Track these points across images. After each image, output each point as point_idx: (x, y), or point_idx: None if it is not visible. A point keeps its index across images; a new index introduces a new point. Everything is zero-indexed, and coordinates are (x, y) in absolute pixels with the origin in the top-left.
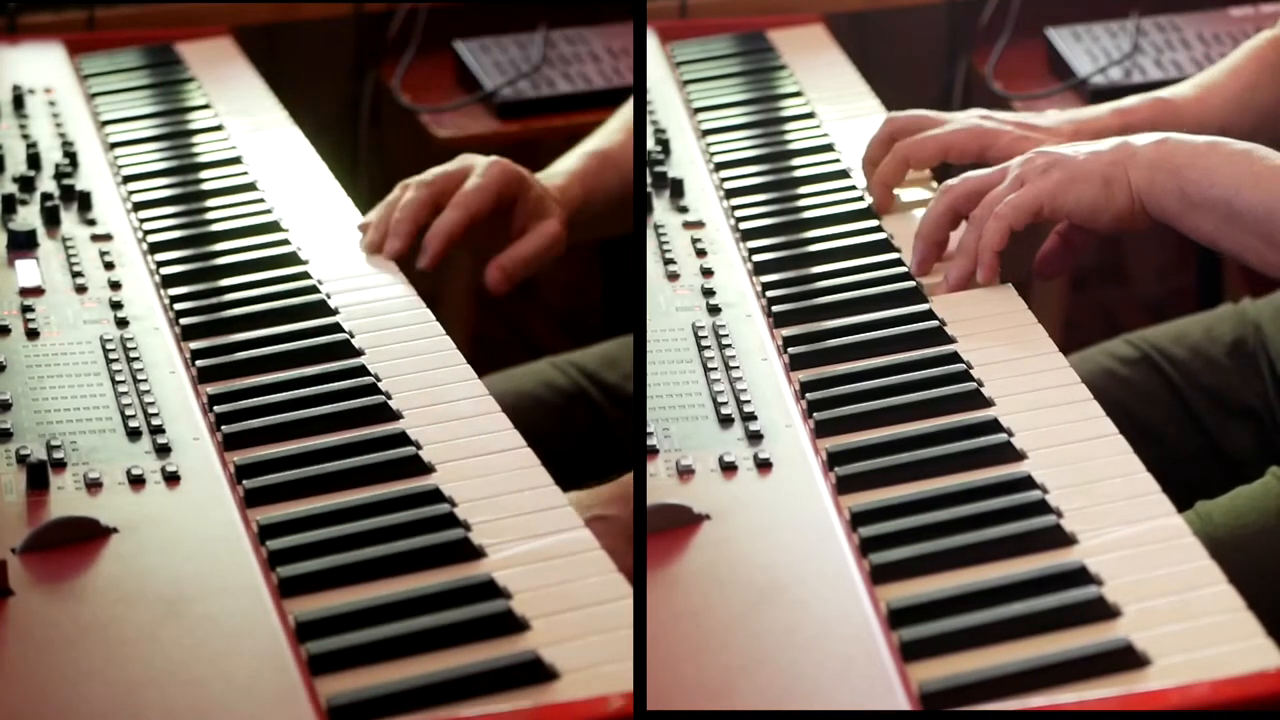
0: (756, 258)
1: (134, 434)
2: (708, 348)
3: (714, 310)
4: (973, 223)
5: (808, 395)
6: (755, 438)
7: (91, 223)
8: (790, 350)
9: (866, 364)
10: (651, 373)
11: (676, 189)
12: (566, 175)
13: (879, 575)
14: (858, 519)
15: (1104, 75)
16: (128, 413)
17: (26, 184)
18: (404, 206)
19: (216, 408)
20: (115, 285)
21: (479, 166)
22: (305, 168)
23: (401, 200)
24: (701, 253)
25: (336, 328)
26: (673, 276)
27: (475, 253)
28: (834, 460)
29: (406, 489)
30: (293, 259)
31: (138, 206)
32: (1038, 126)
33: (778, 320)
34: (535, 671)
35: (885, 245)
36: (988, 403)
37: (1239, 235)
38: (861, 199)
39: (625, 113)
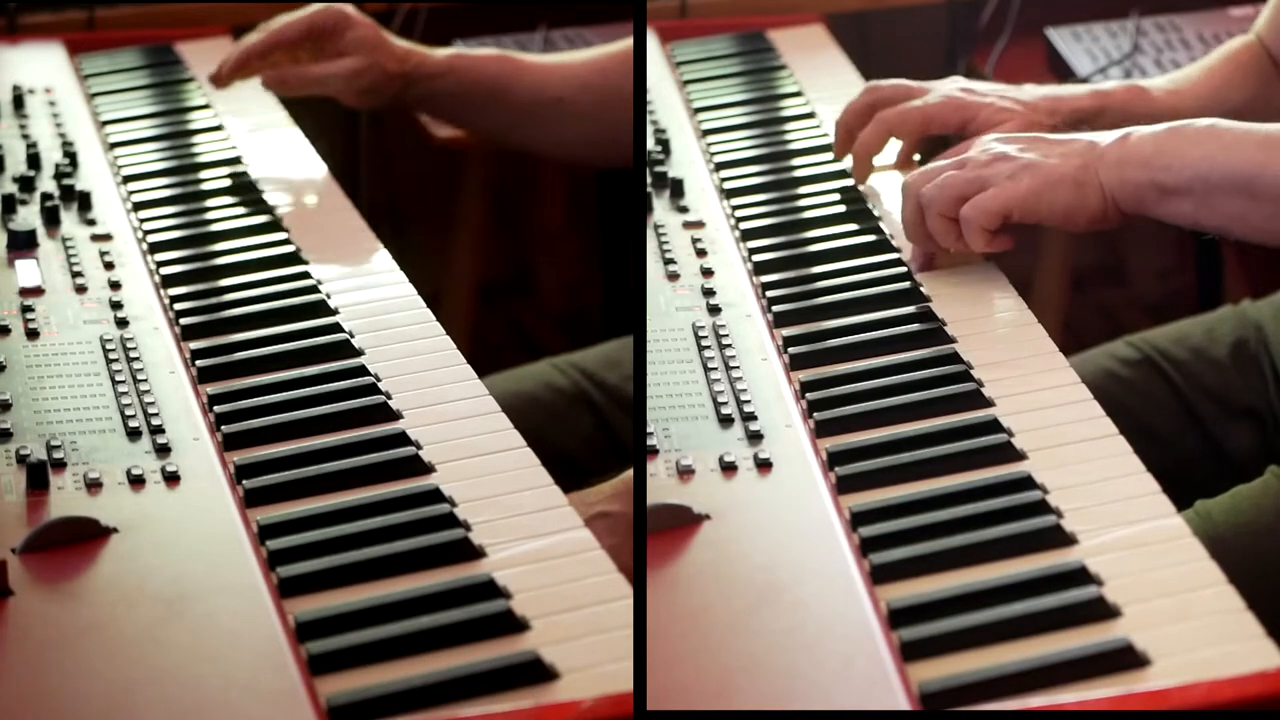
0: (756, 258)
1: (134, 434)
2: (708, 348)
3: (714, 310)
4: (936, 215)
5: (808, 395)
6: (755, 438)
7: (91, 223)
8: (790, 350)
9: (866, 364)
10: (651, 373)
11: (676, 189)
12: (436, 51)
13: (879, 575)
14: (858, 519)
15: (1104, 75)
16: (128, 413)
17: (26, 184)
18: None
19: (216, 408)
20: (115, 285)
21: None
22: (305, 167)
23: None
24: (701, 253)
25: (336, 328)
26: (673, 276)
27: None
28: (834, 460)
29: (406, 489)
30: (293, 259)
31: (138, 206)
32: (1017, 100)
33: (778, 320)
34: (535, 671)
35: (885, 245)
36: (988, 403)
37: (1220, 206)
38: (862, 199)
39: (598, 50)
